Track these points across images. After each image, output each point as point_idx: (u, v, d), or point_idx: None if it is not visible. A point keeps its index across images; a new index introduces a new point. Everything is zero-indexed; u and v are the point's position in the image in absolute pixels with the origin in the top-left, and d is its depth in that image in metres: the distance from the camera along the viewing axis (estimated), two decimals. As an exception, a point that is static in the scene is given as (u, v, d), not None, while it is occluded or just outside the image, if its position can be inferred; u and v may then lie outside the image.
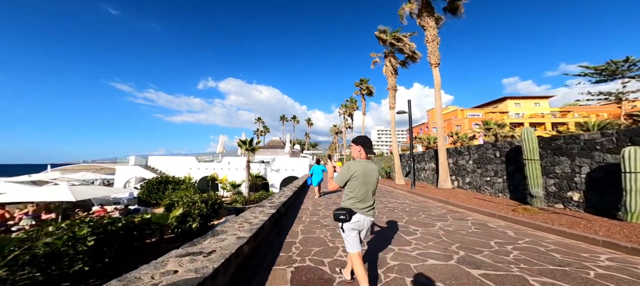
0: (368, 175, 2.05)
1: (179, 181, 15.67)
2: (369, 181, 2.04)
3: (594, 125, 24.43)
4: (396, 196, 8.99)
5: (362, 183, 2.02)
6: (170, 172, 19.58)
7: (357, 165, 2.06)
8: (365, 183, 2.03)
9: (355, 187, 2.02)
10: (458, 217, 5.22)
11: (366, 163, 2.10)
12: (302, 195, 9.45)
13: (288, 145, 26.08)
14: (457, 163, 9.99)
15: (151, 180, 14.61)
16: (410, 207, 6.62)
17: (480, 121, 47.75)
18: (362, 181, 2.02)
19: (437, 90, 10.80)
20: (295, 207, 6.96)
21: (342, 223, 2.03)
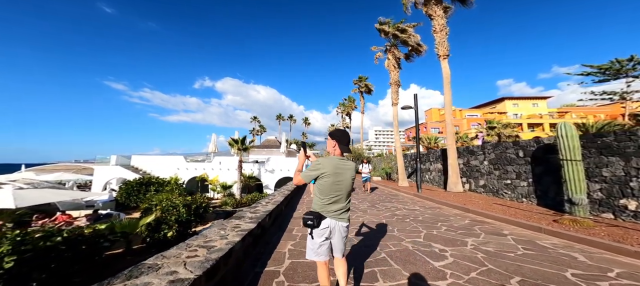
0: (341, 174, 1.79)
1: (163, 182, 14.35)
2: (341, 181, 1.79)
3: (593, 125, 23.95)
4: (402, 200, 7.95)
5: (333, 183, 1.76)
6: (156, 172, 18.18)
7: (328, 163, 1.79)
8: (337, 183, 1.77)
9: (326, 187, 1.77)
10: (490, 231, 4.18)
11: (340, 161, 1.82)
12: (296, 199, 8.33)
13: (284, 144, 24.92)
14: (469, 164, 9.01)
15: (131, 182, 13.27)
16: (423, 215, 5.57)
17: (479, 121, 47.45)
18: (333, 180, 1.76)
19: (447, 84, 9.82)
20: (286, 214, 5.84)
21: (310, 229, 1.76)
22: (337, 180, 1.76)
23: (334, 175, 1.76)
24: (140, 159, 19.53)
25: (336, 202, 1.76)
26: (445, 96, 9.86)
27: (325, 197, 1.76)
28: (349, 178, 1.81)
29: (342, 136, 1.87)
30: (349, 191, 1.83)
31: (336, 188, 1.76)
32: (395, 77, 13.89)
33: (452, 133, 9.51)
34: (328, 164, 1.77)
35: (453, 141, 9.35)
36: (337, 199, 1.77)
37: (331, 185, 1.75)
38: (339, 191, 1.77)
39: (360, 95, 31.40)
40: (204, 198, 12.11)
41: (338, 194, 1.77)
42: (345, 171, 1.80)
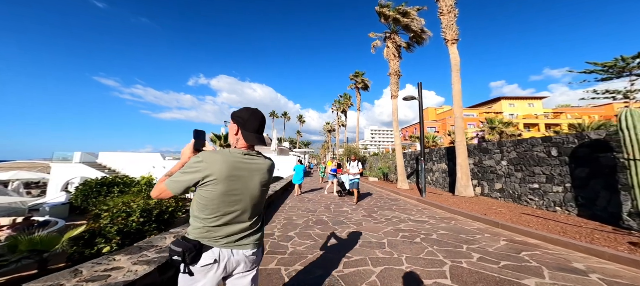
0: (240, 179, 1.07)
1: (131, 182, 12.56)
2: (240, 190, 1.07)
3: (590, 126, 23.42)
4: (405, 208, 6.57)
5: (225, 194, 1.03)
6: (128, 171, 16.30)
7: (218, 161, 1.03)
8: (233, 193, 1.05)
9: (212, 200, 1.02)
10: (553, 263, 2.78)
11: (242, 158, 1.09)
12: (275, 205, 6.80)
13: (275, 141, 23.31)
14: (482, 165, 7.71)
15: (90, 182, 11.44)
16: (437, 232, 4.18)
17: (475, 121, 47.01)
18: (226, 189, 1.03)
19: (456, 72, 8.49)
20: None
21: (183, 267, 0.99)
22: (232, 189, 1.04)
23: (228, 180, 1.03)
24: (108, 157, 17.52)
25: (231, 222, 1.06)
26: (454, 86, 8.52)
27: (210, 215, 1.03)
28: (256, 184, 1.12)
29: (250, 118, 1.13)
30: (257, 203, 1.13)
31: (231, 201, 1.05)
32: (395, 67, 12.53)
33: (462, 128, 8.18)
34: (217, 163, 1.02)
35: (463, 137, 8.03)
36: (232, 218, 1.06)
37: (222, 196, 1.03)
38: (236, 205, 1.06)
39: (357, 91, 30.04)
40: (177, 201, 10.47)
41: (234, 210, 1.06)
42: (250, 174, 1.10)
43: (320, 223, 4.83)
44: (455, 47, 8.82)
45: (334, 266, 2.76)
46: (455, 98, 8.45)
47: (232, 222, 1.07)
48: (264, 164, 1.17)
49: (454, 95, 8.52)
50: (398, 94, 12.21)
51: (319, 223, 4.84)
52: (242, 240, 1.09)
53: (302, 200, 7.96)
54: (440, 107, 58.89)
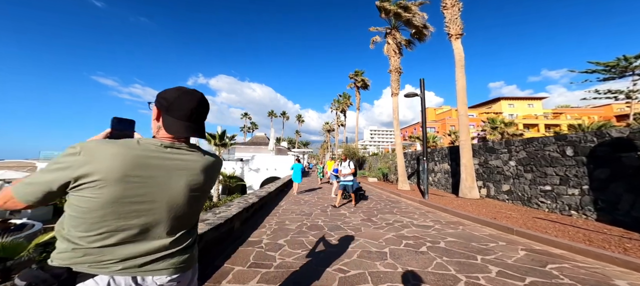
0: (155, 180, 0.75)
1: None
2: (156, 195, 0.76)
3: (590, 126, 23.13)
4: (407, 211, 6.14)
5: (117, 202, 0.69)
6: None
7: (106, 153, 0.69)
8: (138, 200, 0.73)
9: (92, 210, 0.68)
10: (588, 277, 2.36)
11: (158, 152, 0.77)
12: (268, 207, 6.34)
13: (272, 141, 22.83)
14: (487, 165, 7.31)
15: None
16: (444, 239, 3.75)
17: (474, 121, 46.81)
18: (119, 195, 0.70)
19: (460, 68, 8.08)
20: (238, 236, 3.87)
21: None
22: (133, 194, 0.72)
23: (124, 182, 0.70)
24: None
25: (130, 240, 0.73)
26: (457, 82, 8.11)
27: (87, 232, 0.69)
28: (180, 188, 0.79)
29: (177, 100, 0.80)
30: (182, 213, 0.81)
31: (130, 211, 0.72)
32: (395, 64, 12.13)
33: (467, 126, 7.77)
34: (105, 157, 0.69)
35: (467, 136, 7.61)
36: (132, 234, 0.73)
37: (111, 205, 0.69)
38: (140, 216, 0.74)
39: (356, 90, 29.66)
40: None
41: (136, 224, 0.73)
42: (169, 174, 0.78)
43: (315, 228, 4.39)
44: (459, 41, 8.42)
45: (328, 285, 2.32)
46: (459, 95, 8.04)
47: (133, 240, 0.75)
48: (199, 161, 0.85)
49: (457, 92, 8.11)
50: (398, 92, 11.80)
51: (313, 228, 4.39)
52: (153, 264, 0.77)
53: (297, 201, 7.51)
54: (440, 107, 58.74)
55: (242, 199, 5.25)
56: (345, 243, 3.56)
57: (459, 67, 8.17)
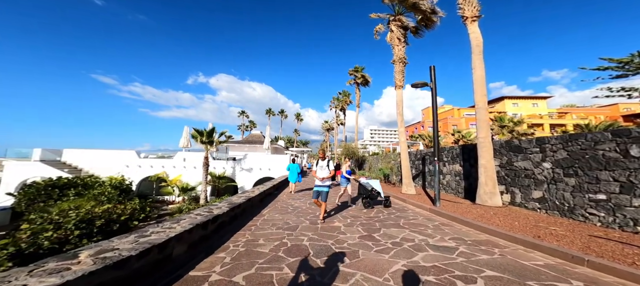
0: None
1: (92, 183, 10.83)
2: None
3: (597, 126, 21.98)
4: (416, 222, 4.94)
5: None
6: (96, 169, 14.56)
7: None
8: None
9: None
10: None
11: None
12: (244, 217, 5.10)
13: (268, 139, 21.60)
14: (511, 166, 6.10)
15: (38, 183, 9.72)
16: (482, 272, 2.55)
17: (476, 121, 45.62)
18: None
19: (477, 55, 6.85)
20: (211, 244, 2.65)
21: None
22: None
23: None
24: (74, 154, 15.64)
25: None
26: (475, 71, 6.89)
27: None
28: None
29: None
30: None
31: None
32: (400, 53, 10.91)
33: (486, 121, 6.55)
34: None
35: (487, 133, 6.40)
36: None
37: None
38: None
39: (356, 87, 28.45)
40: (136, 206, 8.74)
41: None
42: None
43: (296, 253, 3.18)
44: (475, 25, 7.20)
45: None
46: (477, 85, 6.82)
47: None
48: None
49: (475, 81, 6.89)
50: (403, 84, 10.58)
51: (293, 252, 3.18)
52: None
53: (284, 208, 6.31)
54: (441, 106, 57.52)
55: (204, 210, 4.03)
56: (335, 280, 2.36)
57: (477, 54, 6.95)
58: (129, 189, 13.56)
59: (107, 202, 10.07)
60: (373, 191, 6.42)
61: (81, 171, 14.96)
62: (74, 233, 6.15)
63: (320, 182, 4.87)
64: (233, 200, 5.26)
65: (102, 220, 6.67)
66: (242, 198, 5.58)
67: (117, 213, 7.32)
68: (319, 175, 4.92)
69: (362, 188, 6.64)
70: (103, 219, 6.77)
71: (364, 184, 6.60)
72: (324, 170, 4.93)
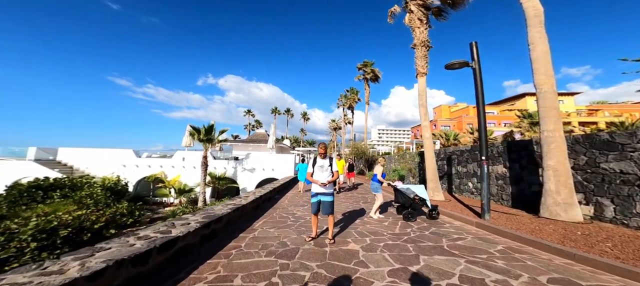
0: None
1: (81, 184, 9.97)
2: None
3: (633, 124, 18.98)
4: (465, 243, 3.41)
5: None
6: (92, 169, 13.91)
7: None
8: None
9: None
10: None
11: None
12: (228, 231, 3.76)
13: (272, 138, 20.45)
14: (596, 169, 4.44)
15: (21, 184, 8.95)
16: None
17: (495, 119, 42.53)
18: None
19: (537, 27, 5.16)
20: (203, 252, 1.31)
21: None
22: None
23: None
24: (70, 153, 15.04)
25: None
26: (535, 47, 5.18)
27: None
28: None
29: None
30: None
31: None
32: (422, 36, 9.32)
33: (556, 109, 4.83)
34: None
35: (558, 125, 4.72)
36: None
37: None
38: None
39: (365, 82, 26.86)
40: (109, 214, 7.60)
41: None
42: None
43: None
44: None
45: None
46: (539, 62, 5.13)
47: None
48: None
49: (535, 60, 5.19)
50: (427, 70, 8.97)
51: None
52: None
53: (282, 220, 4.94)
54: (454, 104, 54.40)
55: (160, 229, 2.72)
56: None
57: (536, 26, 5.26)
58: (125, 190, 12.77)
59: (93, 205, 9.22)
60: (416, 199, 5.00)
61: (76, 171, 14.35)
62: (30, 245, 5.10)
63: (321, 187, 3.51)
64: (214, 211, 3.95)
65: (68, 229, 5.61)
66: (227, 208, 4.26)
67: (91, 219, 6.27)
68: (318, 179, 3.54)
69: (400, 195, 5.19)
70: (71, 228, 5.71)
71: (403, 190, 5.18)
72: (325, 171, 3.55)
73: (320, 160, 3.63)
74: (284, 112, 49.70)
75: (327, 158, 3.63)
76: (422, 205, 5.10)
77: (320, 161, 3.62)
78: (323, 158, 3.63)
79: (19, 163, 12.63)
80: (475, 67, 5.37)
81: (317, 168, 3.61)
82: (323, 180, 3.50)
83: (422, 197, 4.93)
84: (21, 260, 5.03)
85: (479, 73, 5.31)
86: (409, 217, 4.94)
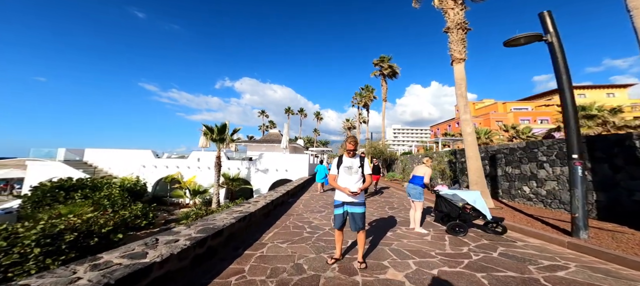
0: None
1: (101, 185, 10.06)
2: None
3: None
4: (572, 279, 2.27)
5: None
6: (115, 169, 14.34)
7: None
8: None
9: None
10: None
11: None
12: (219, 259, 2.96)
13: (285, 138, 19.90)
14: None
15: (44, 185, 9.17)
16: None
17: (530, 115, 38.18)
18: None
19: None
20: None
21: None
22: None
23: None
24: (95, 153, 15.70)
25: None
26: None
27: None
28: None
29: None
30: None
31: None
32: (457, 18, 8.00)
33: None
34: None
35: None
36: None
37: None
38: None
39: (382, 78, 25.39)
40: (119, 216, 7.24)
41: None
42: None
43: None
44: None
45: None
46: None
47: None
48: None
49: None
50: (464, 56, 7.62)
51: None
52: None
53: (297, 231, 4.08)
54: (480, 101, 50.07)
55: (132, 251, 1.97)
56: None
57: None
58: (144, 191, 12.91)
59: (110, 206, 9.21)
60: (467, 209, 3.84)
61: (100, 171, 14.91)
62: (33, 250, 4.82)
63: (350, 195, 2.51)
64: (214, 221, 3.20)
65: (74, 234, 5.29)
66: (231, 217, 3.49)
67: (100, 223, 5.96)
68: (345, 185, 2.55)
69: (444, 203, 4.06)
70: (77, 232, 5.39)
71: (448, 197, 4.02)
72: (354, 174, 2.56)
73: (347, 159, 2.62)
74: (297, 111, 49.46)
75: (357, 157, 2.65)
76: (476, 217, 3.95)
77: (347, 160, 2.62)
78: (352, 157, 2.63)
79: (47, 164, 13.39)
80: (553, 40, 4.08)
81: (343, 170, 2.61)
82: (353, 187, 2.50)
83: (476, 206, 3.77)
84: (25, 266, 4.76)
85: (558, 48, 4.03)
86: (456, 231, 3.84)
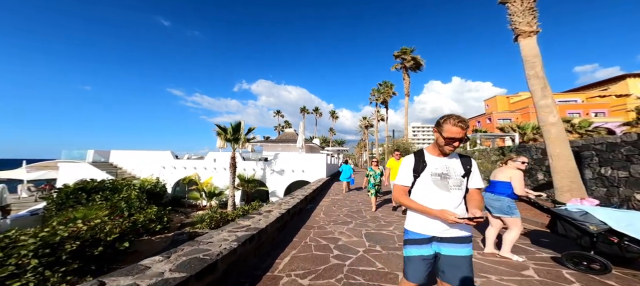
0: None
1: (120, 187, 10.04)
2: None
3: None
4: None
5: None
6: (138, 170, 14.65)
7: None
8: None
9: None
10: None
11: None
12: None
13: (301, 137, 19.08)
14: None
15: (67, 187, 9.30)
16: None
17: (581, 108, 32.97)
18: None
19: None
20: None
21: None
22: None
23: None
24: (120, 155, 16.23)
25: None
26: None
27: None
28: None
29: None
30: None
31: None
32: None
33: None
34: None
35: None
36: None
37: None
38: None
39: (404, 71, 23.43)
40: (126, 223, 6.72)
41: None
42: None
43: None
44: None
45: None
46: None
47: None
48: None
49: None
50: (535, 27, 5.94)
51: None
52: None
53: (320, 252, 3.01)
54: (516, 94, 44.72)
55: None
56: None
57: None
58: (163, 192, 12.95)
59: (126, 209, 9.11)
60: (612, 239, 2.38)
61: (123, 172, 15.39)
62: (31, 261, 4.40)
63: (444, 223, 1.29)
64: (212, 243, 2.27)
65: (77, 243, 4.86)
66: (232, 238, 2.55)
67: (105, 231, 5.53)
68: (433, 204, 1.32)
69: (565, 224, 2.71)
70: (80, 240, 4.96)
71: (572, 217, 2.64)
72: (454, 190, 1.34)
73: (438, 160, 1.41)
74: (312, 110, 48.74)
75: (457, 158, 1.43)
76: (628, 255, 2.30)
77: (438, 162, 1.41)
78: (446, 157, 1.42)
79: (76, 165, 14.11)
80: None
81: (427, 178, 1.39)
82: (455, 211, 1.29)
83: (630, 234, 2.27)
84: (23, 279, 4.36)
85: None
86: (580, 266, 2.47)
